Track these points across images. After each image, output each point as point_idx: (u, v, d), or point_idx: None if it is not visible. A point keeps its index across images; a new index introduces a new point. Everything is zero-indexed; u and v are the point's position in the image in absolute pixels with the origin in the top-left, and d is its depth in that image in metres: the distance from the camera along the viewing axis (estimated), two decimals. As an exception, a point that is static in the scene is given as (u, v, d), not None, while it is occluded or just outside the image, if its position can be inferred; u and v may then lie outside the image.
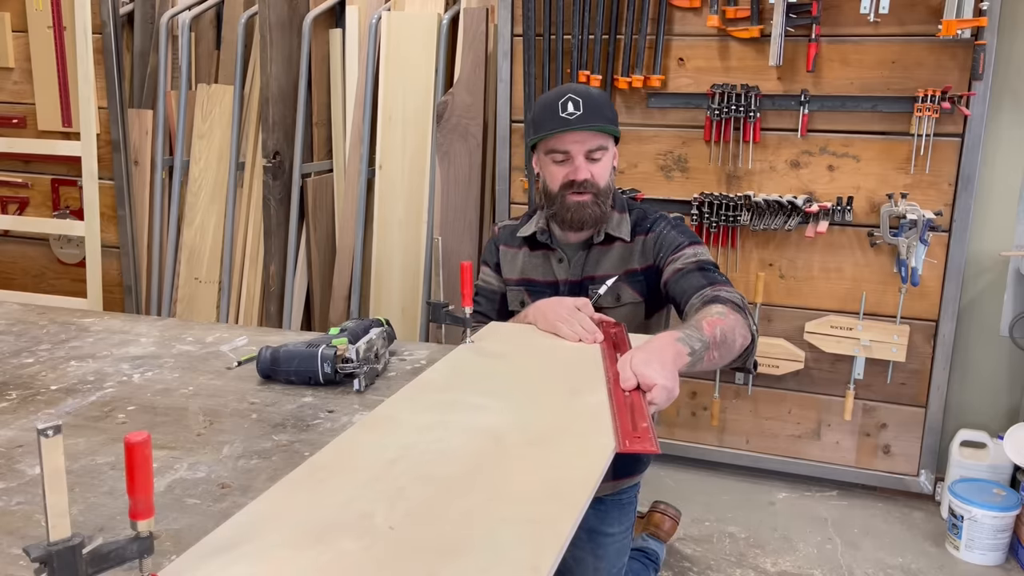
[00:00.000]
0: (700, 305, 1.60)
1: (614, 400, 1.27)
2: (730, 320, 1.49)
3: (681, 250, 1.74)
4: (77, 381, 1.46)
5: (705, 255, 1.74)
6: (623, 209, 1.83)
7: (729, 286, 1.66)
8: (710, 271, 1.69)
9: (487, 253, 1.96)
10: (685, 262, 1.71)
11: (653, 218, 1.81)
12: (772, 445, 2.82)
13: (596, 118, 1.69)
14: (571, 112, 1.67)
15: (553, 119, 1.69)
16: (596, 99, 1.71)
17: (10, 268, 3.59)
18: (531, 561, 0.84)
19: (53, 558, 0.73)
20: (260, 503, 0.97)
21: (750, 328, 1.55)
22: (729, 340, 1.47)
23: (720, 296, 1.59)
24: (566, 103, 1.67)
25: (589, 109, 1.68)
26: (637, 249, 1.79)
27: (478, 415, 1.23)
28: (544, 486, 1.01)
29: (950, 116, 2.42)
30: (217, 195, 3.17)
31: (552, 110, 1.69)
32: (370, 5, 2.98)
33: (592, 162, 1.72)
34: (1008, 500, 2.37)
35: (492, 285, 1.95)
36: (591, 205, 1.72)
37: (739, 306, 1.57)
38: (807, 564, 2.37)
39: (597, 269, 1.80)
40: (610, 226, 1.79)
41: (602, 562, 1.84)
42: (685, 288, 1.68)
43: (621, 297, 1.78)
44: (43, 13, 3.27)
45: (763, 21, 2.51)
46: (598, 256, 1.80)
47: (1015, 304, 2.61)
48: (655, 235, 1.78)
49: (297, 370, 1.45)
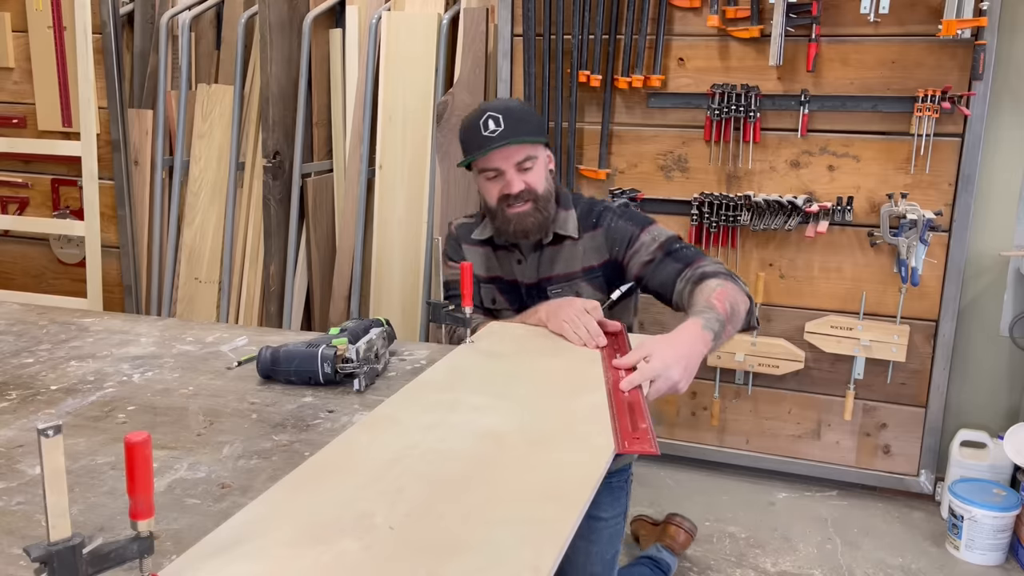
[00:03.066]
0: (693, 286, 1.62)
1: (613, 400, 1.27)
2: (729, 290, 1.56)
3: (637, 240, 1.75)
4: (77, 381, 1.46)
5: (663, 235, 1.75)
6: (568, 206, 1.83)
7: (703, 259, 1.69)
8: (678, 251, 1.71)
9: (450, 250, 1.94)
10: (649, 253, 1.73)
11: (598, 211, 1.82)
12: (772, 445, 2.82)
13: (518, 131, 1.70)
14: (492, 130, 1.68)
15: (477, 138, 1.71)
16: (516, 112, 1.72)
17: (10, 268, 3.59)
18: (531, 561, 0.84)
19: (53, 558, 0.73)
20: (260, 503, 0.97)
21: (744, 291, 1.62)
22: (736, 310, 1.55)
23: (706, 272, 1.63)
24: (487, 122, 1.69)
25: (510, 123, 1.69)
26: (589, 245, 1.80)
27: (478, 415, 1.23)
28: (544, 486, 1.01)
29: (950, 116, 2.42)
30: (217, 195, 3.17)
31: (475, 131, 1.71)
32: (370, 5, 2.98)
33: (524, 172, 1.72)
34: (1008, 500, 2.37)
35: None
36: (532, 213, 1.73)
37: (726, 274, 1.63)
38: (807, 564, 2.37)
39: (552, 269, 1.81)
40: (557, 225, 1.80)
41: (595, 546, 1.84)
42: (663, 280, 1.70)
43: (581, 294, 1.79)
44: (43, 13, 3.27)
45: (763, 21, 2.51)
46: (551, 256, 1.81)
47: (1015, 304, 2.61)
48: (603, 229, 1.79)
49: (297, 370, 1.45)
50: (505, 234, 1.78)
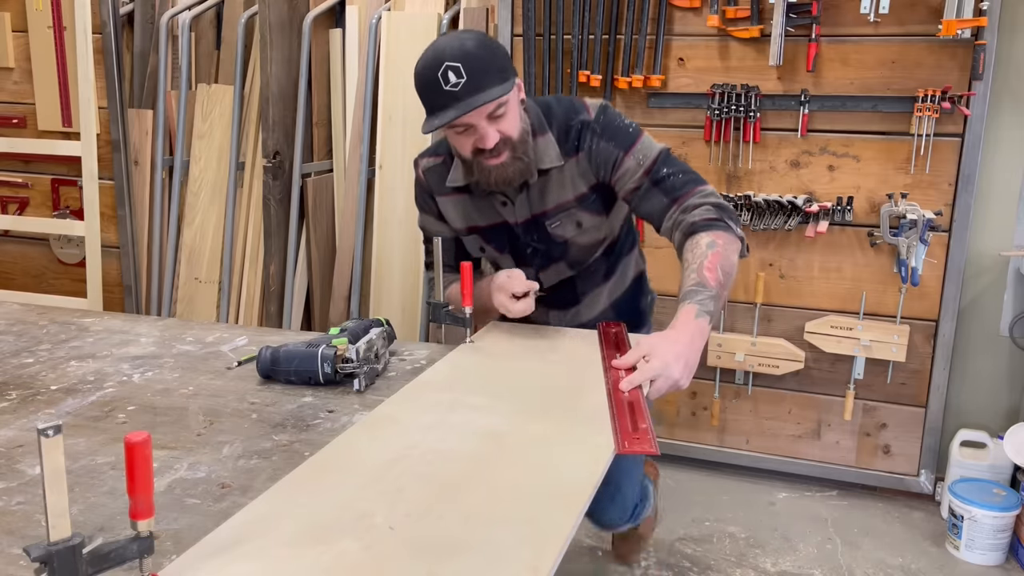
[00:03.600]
0: (683, 237, 1.57)
1: (613, 400, 1.27)
2: (721, 250, 1.50)
3: (622, 164, 1.63)
4: (77, 381, 1.46)
5: (649, 155, 1.62)
6: (544, 129, 1.66)
7: (692, 189, 1.60)
8: (665, 179, 1.60)
9: (421, 200, 1.81)
10: (635, 180, 1.62)
11: (577, 130, 1.65)
12: (772, 445, 2.82)
13: (484, 82, 1.48)
14: (454, 83, 1.47)
15: (437, 96, 1.50)
16: (477, 56, 1.49)
17: (10, 268, 3.59)
18: (531, 561, 0.84)
19: (53, 558, 0.73)
20: (260, 503, 0.97)
21: (736, 234, 1.56)
22: (729, 269, 1.50)
23: (696, 222, 1.55)
24: (446, 74, 1.47)
25: (473, 73, 1.47)
26: (575, 171, 1.67)
27: (478, 415, 1.23)
28: (544, 486, 1.01)
29: (950, 116, 2.42)
30: (217, 195, 3.17)
31: (434, 87, 1.49)
32: (370, 5, 2.98)
33: (496, 120, 1.53)
34: (1008, 500, 2.37)
35: (443, 233, 1.81)
36: (511, 163, 1.57)
37: (716, 219, 1.55)
38: (807, 564, 2.37)
39: (545, 203, 1.69)
40: (538, 158, 1.64)
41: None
42: (649, 211, 1.63)
43: (582, 223, 1.71)
44: (43, 13, 3.27)
45: (763, 21, 2.51)
46: (540, 189, 1.68)
47: (1015, 304, 2.61)
48: (585, 153, 1.65)
49: (297, 370, 1.45)
50: (487, 185, 1.63)
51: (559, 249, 1.75)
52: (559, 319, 1.84)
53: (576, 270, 1.80)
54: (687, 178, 1.61)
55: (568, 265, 1.79)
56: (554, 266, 1.78)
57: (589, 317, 1.84)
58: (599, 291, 1.84)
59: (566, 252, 1.75)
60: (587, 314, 1.85)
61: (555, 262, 1.78)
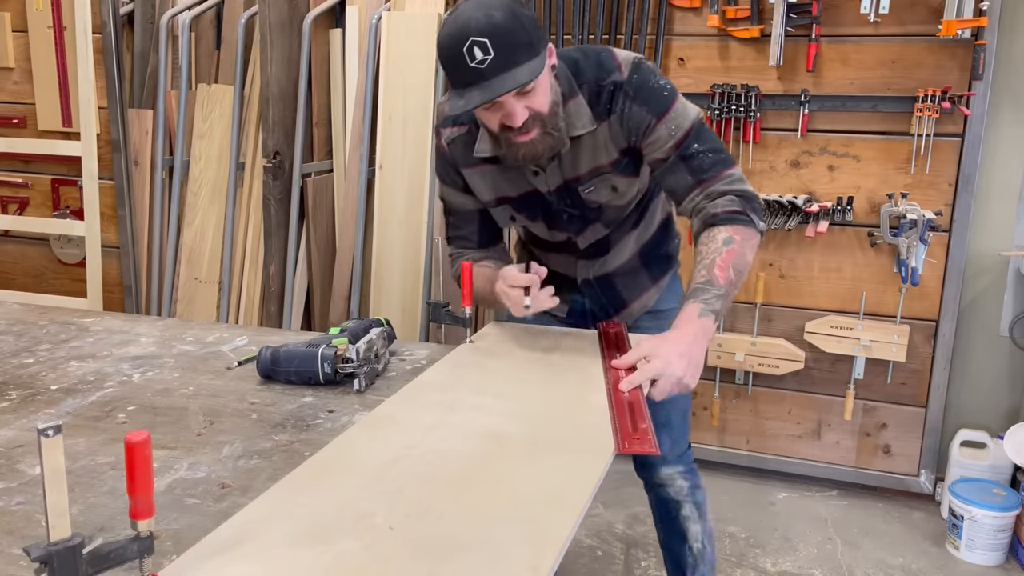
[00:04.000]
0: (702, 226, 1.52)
1: (613, 400, 1.27)
2: (739, 246, 1.45)
3: (654, 132, 1.53)
4: (77, 381, 1.46)
5: (682, 126, 1.53)
6: (574, 90, 1.55)
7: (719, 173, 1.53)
8: (693, 156, 1.53)
9: (444, 172, 1.70)
10: (664, 151, 1.54)
11: (608, 92, 1.54)
12: (772, 445, 2.82)
13: (512, 59, 1.36)
14: (480, 60, 1.35)
15: (462, 73, 1.38)
16: (504, 31, 1.36)
17: (10, 268, 3.59)
18: (531, 561, 0.84)
19: (53, 558, 0.73)
20: (260, 503, 0.97)
21: (757, 228, 1.51)
22: (742, 268, 1.45)
23: (718, 215, 1.49)
24: (471, 49, 1.35)
25: (501, 49, 1.35)
26: (607, 135, 1.57)
27: (478, 415, 1.23)
28: (544, 486, 1.01)
29: (950, 116, 2.42)
30: (217, 195, 3.17)
31: (458, 62, 1.37)
32: (370, 5, 2.98)
33: (525, 96, 1.42)
34: (1008, 500, 2.37)
35: (467, 205, 1.71)
36: (541, 139, 1.47)
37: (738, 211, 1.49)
38: (807, 564, 2.37)
39: (578, 168, 1.60)
40: (571, 126, 1.54)
41: None
42: (672, 187, 1.57)
43: (617, 188, 1.63)
44: (43, 13, 3.27)
45: (763, 21, 2.51)
46: (573, 155, 1.59)
47: (1015, 304, 2.61)
48: (617, 116, 1.55)
49: (297, 370, 1.45)
50: (515, 161, 1.54)
51: (594, 212, 1.68)
52: (587, 269, 1.78)
53: (612, 227, 1.73)
54: (716, 158, 1.53)
55: (604, 225, 1.71)
56: (590, 228, 1.71)
57: (616, 265, 1.77)
58: (627, 238, 1.77)
59: (601, 214, 1.68)
60: (614, 262, 1.78)
61: (591, 224, 1.71)
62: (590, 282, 1.77)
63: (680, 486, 1.85)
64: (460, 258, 1.72)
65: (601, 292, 1.78)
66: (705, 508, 1.90)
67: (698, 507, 1.87)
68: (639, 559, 2.39)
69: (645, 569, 2.34)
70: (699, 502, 1.88)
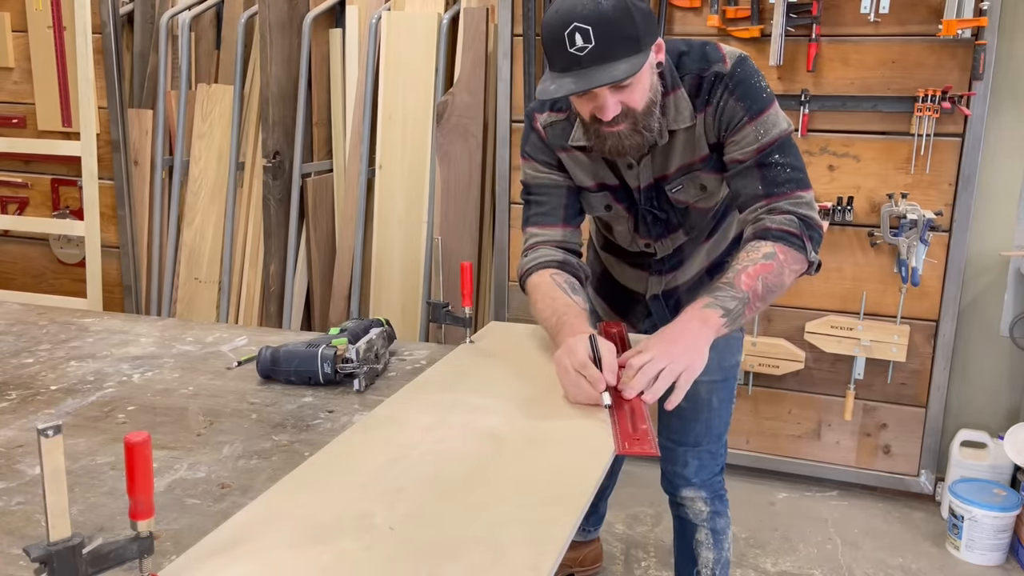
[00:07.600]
0: (751, 235, 1.46)
1: (613, 400, 1.27)
2: (778, 264, 1.40)
3: (742, 131, 1.47)
4: (77, 381, 1.46)
5: (769, 134, 1.46)
6: (676, 83, 1.49)
7: (790, 191, 1.46)
8: (771, 167, 1.46)
9: (535, 150, 1.62)
10: (744, 152, 1.47)
11: (710, 82, 1.48)
12: (772, 445, 2.82)
13: (613, 52, 1.30)
14: (580, 47, 1.30)
15: (560, 56, 1.33)
16: (609, 21, 1.30)
17: (10, 268, 3.59)
18: (531, 561, 0.84)
19: (53, 558, 0.73)
20: (260, 503, 0.97)
21: (808, 257, 1.44)
22: (775, 286, 1.40)
23: (771, 230, 1.43)
24: (573, 34, 1.30)
25: (602, 39, 1.29)
26: (702, 129, 1.51)
27: (478, 415, 1.23)
28: (544, 486, 1.01)
29: (950, 116, 2.42)
30: (217, 195, 3.17)
31: (558, 44, 1.32)
32: (370, 5, 2.98)
33: (621, 90, 1.37)
34: (1008, 500, 2.37)
35: (556, 179, 1.63)
36: (629, 135, 1.42)
37: (794, 234, 1.43)
38: (807, 564, 2.37)
39: (668, 167, 1.55)
40: (669, 120, 1.49)
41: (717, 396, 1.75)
42: (738, 190, 1.50)
43: (706, 186, 1.57)
44: (43, 13, 3.27)
45: (763, 21, 2.51)
46: (666, 151, 1.54)
47: (1015, 304, 2.60)
48: (714, 107, 1.48)
49: (297, 370, 1.45)
50: (600, 151, 1.49)
51: (679, 216, 1.63)
52: (657, 285, 1.74)
53: (690, 236, 1.68)
54: (793, 175, 1.47)
55: (685, 232, 1.67)
56: (672, 235, 1.67)
57: (685, 278, 1.73)
58: (700, 250, 1.72)
59: (685, 218, 1.64)
60: (683, 277, 1.74)
61: (673, 231, 1.66)
62: (657, 296, 1.74)
63: (699, 510, 1.83)
64: (537, 248, 1.61)
65: (666, 304, 1.74)
66: (724, 538, 1.85)
67: (715, 534, 1.84)
68: (639, 559, 2.39)
69: (645, 569, 2.34)
70: (718, 530, 1.84)
